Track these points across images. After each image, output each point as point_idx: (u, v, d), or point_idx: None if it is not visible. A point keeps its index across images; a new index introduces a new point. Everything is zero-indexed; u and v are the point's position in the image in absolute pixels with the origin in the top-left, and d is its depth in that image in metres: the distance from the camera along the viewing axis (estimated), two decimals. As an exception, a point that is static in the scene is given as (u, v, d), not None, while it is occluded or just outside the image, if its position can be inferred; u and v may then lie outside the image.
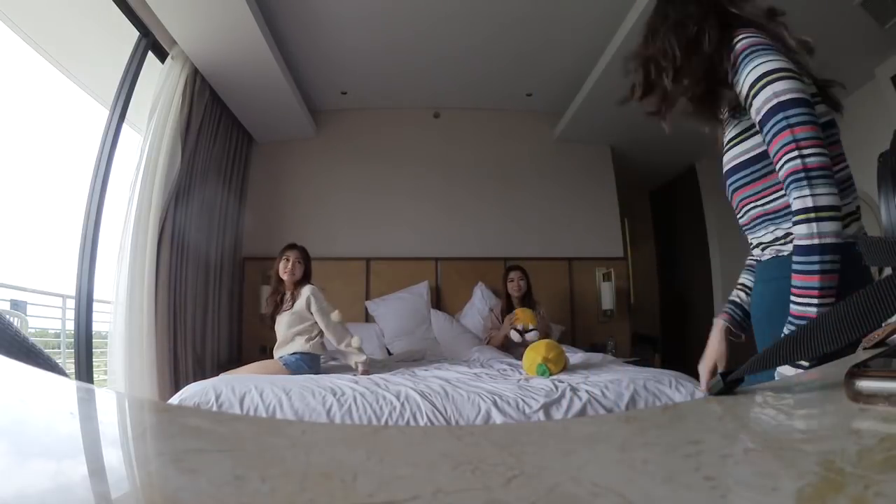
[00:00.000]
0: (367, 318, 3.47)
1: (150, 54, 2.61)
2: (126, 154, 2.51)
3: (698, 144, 4.29)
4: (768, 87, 0.74)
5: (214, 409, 1.60)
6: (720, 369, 1.04)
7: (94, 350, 2.38)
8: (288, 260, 2.33)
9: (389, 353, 3.11)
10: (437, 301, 3.58)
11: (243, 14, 2.35)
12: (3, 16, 2.23)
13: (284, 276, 2.32)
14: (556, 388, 1.71)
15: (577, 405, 1.62)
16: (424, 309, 3.39)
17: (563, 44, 3.02)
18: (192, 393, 1.68)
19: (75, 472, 0.21)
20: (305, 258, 2.39)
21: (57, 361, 0.41)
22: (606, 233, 3.88)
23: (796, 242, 0.74)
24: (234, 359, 3.28)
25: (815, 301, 0.70)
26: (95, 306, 2.36)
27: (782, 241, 0.82)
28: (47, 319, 3.14)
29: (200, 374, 2.76)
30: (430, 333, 3.26)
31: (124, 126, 2.49)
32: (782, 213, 0.80)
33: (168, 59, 2.64)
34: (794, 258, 0.74)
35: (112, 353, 2.39)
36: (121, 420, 0.32)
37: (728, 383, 0.37)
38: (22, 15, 2.29)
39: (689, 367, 2.23)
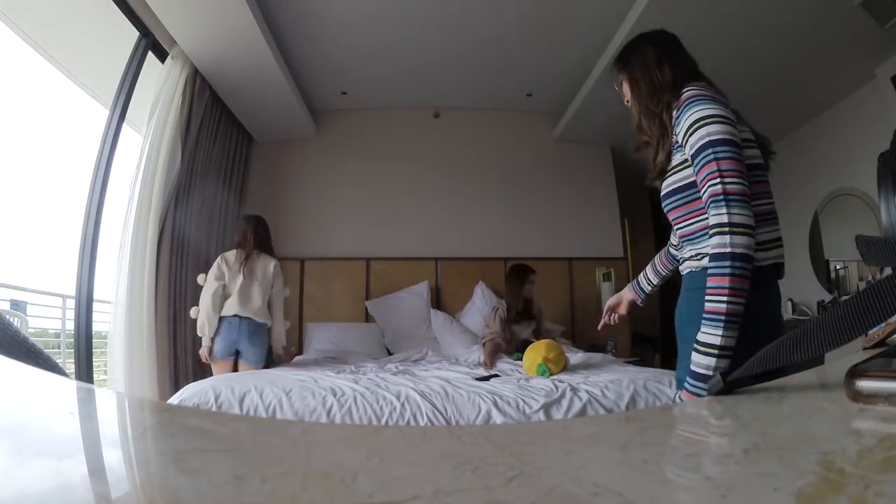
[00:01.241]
0: (367, 318, 3.47)
1: (150, 54, 2.61)
2: (126, 154, 2.51)
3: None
4: (703, 129, 0.86)
5: (214, 409, 1.60)
6: (620, 312, 1.33)
7: (94, 350, 2.38)
8: None
9: (389, 354, 3.11)
10: (437, 301, 3.58)
11: (243, 14, 2.35)
12: (2, 16, 2.23)
13: None
14: (556, 388, 1.71)
15: (577, 405, 1.62)
16: (424, 309, 3.39)
17: (563, 44, 3.02)
18: (192, 393, 1.68)
19: (75, 472, 0.21)
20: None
21: (57, 361, 0.41)
22: (606, 233, 3.88)
23: (711, 251, 0.83)
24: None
25: (724, 298, 0.80)
26: (95, 306, 2.36)
27: (697, 258, 0.93)
28: (47, 319, 3.15)
29: (200, 374, 2.76)
30: (430, 333, 3.26)
31: (124, 126, 2.49)
32: (698, 234, 0.92)
33: (168, 59, 2.64)
34: (710, 264, 0.83)
35: (112, 353, 2.39)
36: (121, 420, 0.32)
37: (728, 383, 0.37)
38: (22, 15, 2.29)
39: (689, 367, 2.23)
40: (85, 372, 2.27)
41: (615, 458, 0.25)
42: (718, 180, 0.82)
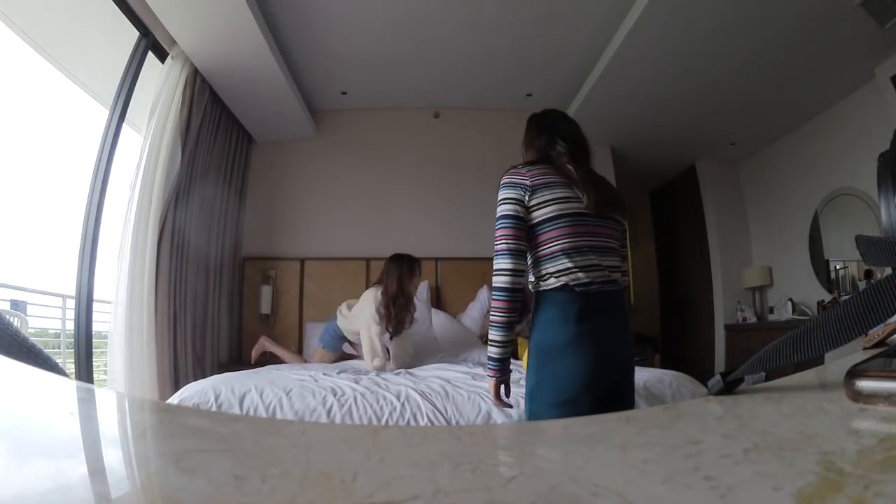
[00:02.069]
0: (367, 318, 3.47)
1: (150, 54, 2.61)
2: (126, 154, 2.51)
3: (698, 144, 4.30)
4: (498, 209, 1.29)
5: (214, 409, 1.60)
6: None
7: (94, 350, 2.38)
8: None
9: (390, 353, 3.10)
10: (438, 301, 3.58)
11: (243, 14, 2.35)
12: (2, 16, 2.23)
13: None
14: (556, 388, 1.71)
15: (577, 405, 1.62)
16: (424, 309, 3.38)
17: (563, 44, 3.02)
18: (192, 393, 1.68)
19: (75, 472, 0.21)
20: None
21: (57, 361, 0.41)
22: (606, 233, 3.87)
23: (493, 285, 1.26)
24: (235, 359, 3.28)
25: (496, 315, 1.24)
26: (95, 306, 2.36)
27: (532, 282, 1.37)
28: (47, 319, 3.15)
29: (200, 373, 2.76)
30: (431, 333, 3.26)
31: (124, 126, 2.49)
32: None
33: (168, 59, 2.64)
34: (492, 292, 1.26)
35: (112, 353, 2.39)
36: (121, 420, 0.32)
37: (728, 383, 0.37)
38: (22, 15, 2.29)
39: (689, 367, 2.23)
40: (85, 372, 2.27)
41: (615, 458, 0.25)
42: (497, 245, 1.26)
